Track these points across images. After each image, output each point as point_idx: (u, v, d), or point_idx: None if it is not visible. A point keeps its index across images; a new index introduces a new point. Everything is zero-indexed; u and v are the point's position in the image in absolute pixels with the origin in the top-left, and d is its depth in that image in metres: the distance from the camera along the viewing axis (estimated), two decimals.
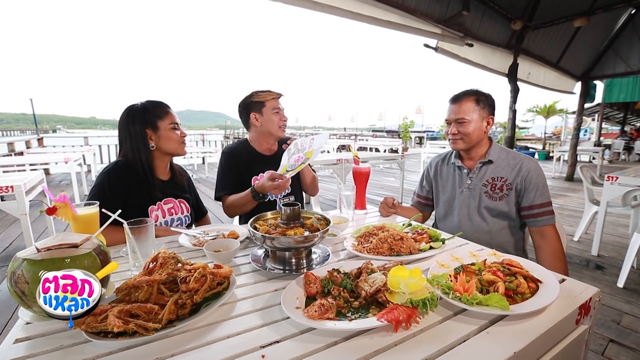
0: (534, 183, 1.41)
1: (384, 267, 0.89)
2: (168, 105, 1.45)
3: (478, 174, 1.51)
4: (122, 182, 1.31)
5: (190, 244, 1.16)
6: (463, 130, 1.47)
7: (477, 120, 1.46)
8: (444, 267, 0.95)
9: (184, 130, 1.46)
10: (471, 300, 0.74)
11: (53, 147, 9.46)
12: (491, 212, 1.48)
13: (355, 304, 0.76)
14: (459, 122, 1.47)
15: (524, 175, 1.42)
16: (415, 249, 1.07)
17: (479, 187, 1.50)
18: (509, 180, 1.45)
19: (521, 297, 0.79)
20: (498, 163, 1.48)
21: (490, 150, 1.50)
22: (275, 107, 1.67)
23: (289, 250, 0.94)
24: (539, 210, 1.41)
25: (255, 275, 0.95)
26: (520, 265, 0.91)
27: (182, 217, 1.50)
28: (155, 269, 0.78)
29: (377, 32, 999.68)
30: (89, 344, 0.64)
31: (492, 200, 1.47)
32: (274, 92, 1.69)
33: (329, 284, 0.82)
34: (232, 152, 1.73)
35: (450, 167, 1.63)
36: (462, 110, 1.45)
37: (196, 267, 0.78)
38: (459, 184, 1.57)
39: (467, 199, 1.53)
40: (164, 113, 1.41)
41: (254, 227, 0.97)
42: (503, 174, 1.46)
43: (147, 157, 1.38)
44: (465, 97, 1.47)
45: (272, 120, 1.66)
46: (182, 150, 1.46)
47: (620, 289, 2.49)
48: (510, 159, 1.47)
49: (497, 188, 1.47)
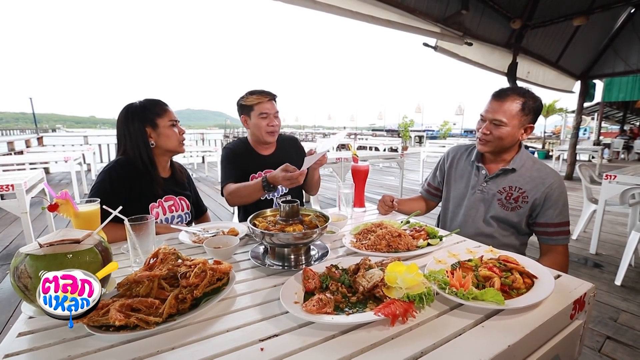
0: (555, 201, 1.31)
1: (382, 263, 0.90)
2: (166, 103, 1.46)
3: (496, 180, 1.41)
4: (122, 180, 1.32)
5: (190, 241, 1.17)
6: (496, 133, 1.32)
7: (516, 126, 1.31)
8: (441, 263, 0.96)
9: (182, 128, 1.47)
10: (467, 295, 0.75)
11: (53, 146, 9.47)
12: (499, 221, 1.40)
13: (353, 299, 0.78)
14: (495, 123, 1.31)
15: (546, 191, 1.31)
16: (413, 245, 1.09)
17: (493, 193, 1.40)
18: (526, 193, 1.34)
19: (516, 292, 0.80)
20: (521, 173, 1.37)
21: (517, 158, 1.38)
22: (263, 111, 1.63)
23: (288, 246, 0.95)
24: (554, 229, 1.33)
25: (254, 272, 0.96)
26: (516, 261, 0.93)
27: (182, 214, 1.51)
28: (156, 264, 0.79)
29: (377, 31, 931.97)
30: (91, 337, 0.65)
31: (503, 209, 1.38)
32: (264, 95, 1.64)
33: (327, 280, 0.84)
34: (233, 149, 1.75)
35: (470, 164, 1.51)
36: (503, 110, 1.29)
37: (196, 263, 0.79)
38: (472, 184, 1.48)
39: (478, 203, 1.44)
40: (162, 111, 1.42)
41: (253, 224, 0.99)
42: (522, 184, 1.35)
43: (149, 154, 1.39)
44: (511, 96, 1.29)
45: (258, 126, 1.65)
46: (181, 148, 1.47)
47: (618, 287, 2.51)
48: (534, 171, 1.36)
49: (512, 198, 1.36)
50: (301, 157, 1.89)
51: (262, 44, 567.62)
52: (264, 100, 1.64)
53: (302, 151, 1.94)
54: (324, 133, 24.77)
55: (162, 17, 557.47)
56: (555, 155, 8.79)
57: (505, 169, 1.38)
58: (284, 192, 1.79)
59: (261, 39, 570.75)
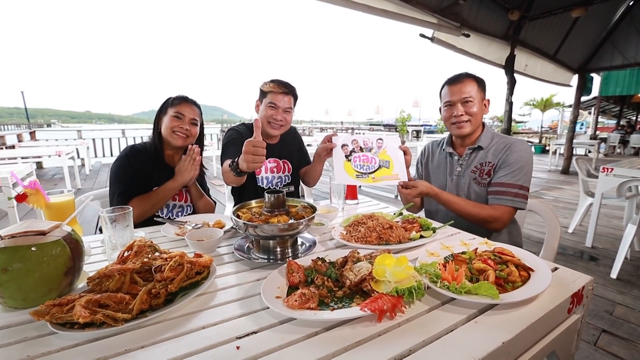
0: (510, 163, 1.33)
1: (371, 255, 0.86)
2: (190, 99, 1.46)
3: (467, 161, 1.46)
4: (134, 164, 1.37)
5: (174, 234, 1.12)
6: (470, 110, 1.39)
7: (480, 101, 1.41)
8: (434, 256, 0.92)
9: (187, 126, 1.41)
10: (460, 289, 0.71)
11: (46, 140, 9.33)
12: (481, 200, 1.41)
13: (339, 294, 0.73)
14: (466, 101, 1.38)
15: (505, 153, 1.36)
16: (405, 237, 1.04)
17: (467, 174, 1.45)
18: (493, 163, 1.39)
19: (512, 285, 0.76)
20: (489, 149, 1.42)
21: (482, 136, 1.44)
22: (272, 101, 1.56)
23: (273, 238, 0.91)
24: (500, 189, 1.33)
25: (238, 265, 0.92)
26: (512, 253, 0.89)
27: (183, 205, 1.50)
28: (130, 257, 0.74)
29: (374, 25, 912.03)
30: (55, 335, 0.61)
31: (480, 186, 1.41)
32: (281, 86, 1.57)
33: (312, 273, 0.79)
34: (239, 130, 1.66)
35: (442, 154, 1.58)
36: (467, 90, 1.38)
37: (173, 256, 0.75)
38: (449, 172, 1.52)
39: (457, 188, 1.48)
40: (177, 101, 1.44)
41: (237, 215, 0.94)
42: (490, 158, 1.40)
43: (156, 141, 1.43)
44: (466, 78, 1.41)
45: (264, 114, 1.59)
46: (172, 138, 1.41)
47: (614, 280, 2.49)
48: (501, 144, 1.41)
49: (484, 173, 1.40)
50: (299, 146, 1.84)
51: (258, 38, 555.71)
52: (278, 91, 1.57)
53: (300, 140, 1.89)
54: (322, 128, 24.63)
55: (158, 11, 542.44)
56: (552, 150, 8.77)
57: (472, 147, 1.44)
58: (287, 182, 1.74)
59: (258, 33, 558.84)
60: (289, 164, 1.73)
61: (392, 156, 1.35)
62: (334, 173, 1.34)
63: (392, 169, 1.34)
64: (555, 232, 1.50)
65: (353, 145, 1.36)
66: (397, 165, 1.34)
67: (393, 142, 1.36)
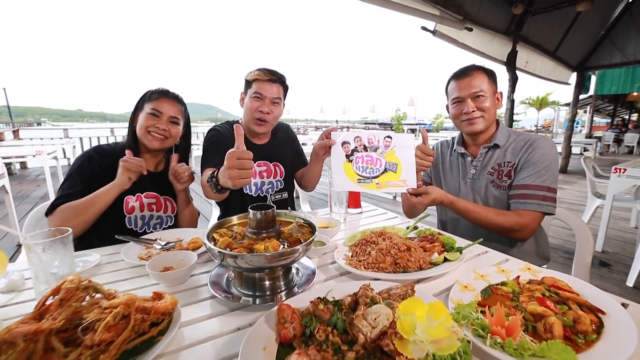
0: (534, 162, 1.18)
1: (389, 292, 0.65)
2: (170, 93, 1.26)
3: (483, 161, 1.30)
4: (94, 167, 1.17)
5: (137, 258, 0.90)
6: (482, 105, 1.24)
7: (492, 94, 1.26)
8: (468, 290, 0.71)
9: (164, 125, 1.20)
10: (520, 350, 0.51)
11: (30, 139, 8.94)
12: (501, 205, 1.24)
13: (350, 356, 0.52)
14: (477, 96, 1.23)
15: (527, 151, 1.20)
16: (426, 262, 0.84)
17: (484, 176, 1.28)
18: (514, 163, 1.23)
19: (584, 338, 0.56)
20: (507, 147, 1.26)
21: (497, 134, 1.29)
22: (258, 91, 1.34)
23: (260, 270, 0.69)
24: (523, 192, 1.16)
25: (214, 304, 0.70)
26: (570, 287, 0.69)
27: (162, 216, 1.28)
28: (51, 308, 0.52)
29: (369, 23, 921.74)
30: None
31: (499, 189, 1.24)
32: (266, 73, 1.35)
33: (312, 322, 0.58)
34: (222, 131, 1.43)
35: (454, 155, 1.41)
36: (477, 84, 1.22)
37: (115, 305, 0.53)
38: (462, 175, 1.36)
39: (473, 192, 1.31)
40: (155, 96, 1.24)
41: (211, 239, 0.72)
42: (510, 157, 1.24)
43: (132, 142, 1.25)
44: (474, 71, 1.25)
45: (248, 107, 1.37)
46: (146, 139, 1.20)
47: (630, 289, 2.33)
48: (520, 141, 1.25)
49: (504, 175, 1.24)
50: (293, 146, 1.62)
51: (252, 35, 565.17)
52: (264, 79, 1.34)
53: (295, 139, 1.67)
54: (316, 126, 24.43)
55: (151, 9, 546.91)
56: None
57: (488, 146, 1.29)
58: (280, 188, 1.52)
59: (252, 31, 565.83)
60: (281, 167, 1.51)
61: (401, 158, 1.13)
62: (332, 176, 1.13)
63: (399, 173, 1.13)
64: (587, 245, 1.33)
65: (356, 143, 1.14)
66: (405, 168, 1.12)
67: (404, 140, 1.14)
